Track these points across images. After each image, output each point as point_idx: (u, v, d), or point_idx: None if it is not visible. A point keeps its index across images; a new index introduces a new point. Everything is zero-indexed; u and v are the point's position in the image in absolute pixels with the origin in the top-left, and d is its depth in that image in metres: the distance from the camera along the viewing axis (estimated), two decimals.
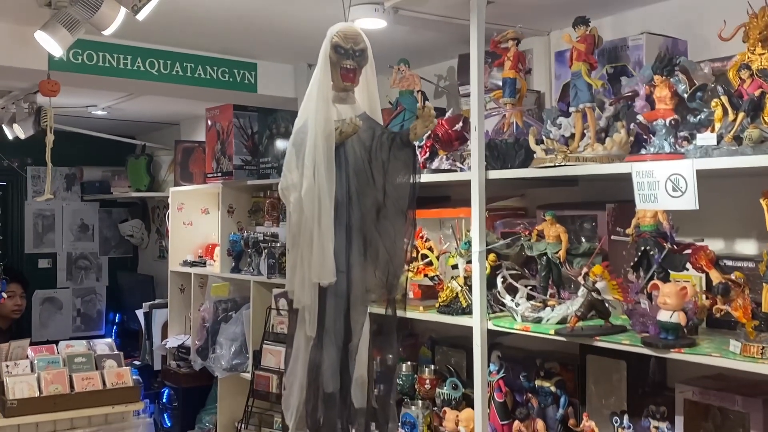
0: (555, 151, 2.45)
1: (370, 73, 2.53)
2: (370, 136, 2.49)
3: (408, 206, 2.47)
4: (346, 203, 2.39)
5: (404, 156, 2.49)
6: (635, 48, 2.52)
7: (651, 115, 2.23)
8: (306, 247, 2.32)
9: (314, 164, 2.31)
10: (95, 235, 6.59)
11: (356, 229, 2.42)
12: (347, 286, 2.40)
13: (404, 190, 2.48)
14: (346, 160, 2.41)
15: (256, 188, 4.48)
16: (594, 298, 2.31)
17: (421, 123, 2.47)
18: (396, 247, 2.47)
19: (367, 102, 2.55)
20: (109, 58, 3.19)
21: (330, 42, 2.42)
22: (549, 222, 2.56)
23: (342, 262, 2.36)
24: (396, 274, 2.48)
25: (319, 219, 2.30)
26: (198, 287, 4.77)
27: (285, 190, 2.39)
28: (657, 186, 2.11)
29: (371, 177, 2.45)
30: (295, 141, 2.41)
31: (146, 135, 6.25)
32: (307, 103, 2.45)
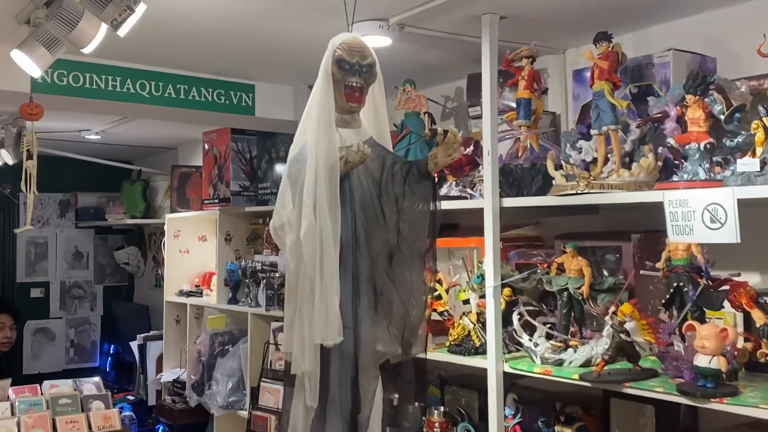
0: (576, 177, 2.25)
1: (378, 91, 2.20)
2: (380, 165, 2.14)
3: (427, 249, 2.11)
4: (352, 246, 2.04)
5: (422, 190, 2.13)
6: (661, 66, 2.33)
7: (683, 139, 2.03)
8: (306, 301, 1.96)
9: (315, 200, 1.96)
10: (90, 263, 6.39)
11: (365, 277, 2.07)
12: (355, 345, 2.03)
13: (422, 230, 2.12)
14: (351, 195, 2.06)
15: (255, 215, 4.30)
16: (622, 339, 2.09)
17: (443, 151, 2.10)
18: (413, 298, 2.10)
19: (374, 125, 2.22)
20: (96, 80, 3.00)
21: (332, 56, 2.09)
22: (570, 254, 2.36)
23: (348, 317, 2.00)
24: (413, 331, 2.09)
25: (321, 266, 1.94)
26: (194, 318, 4.59)
27: (279, 230, 2.04)
28: (692, 216, 1.91)
29: (382, 215, 2.10)
30: (291, 172, 2.08)
31: (143, 160, 6.09)
32: (304, 128, 2.11)
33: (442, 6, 2.37)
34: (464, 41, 2.70)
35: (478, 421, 2.81)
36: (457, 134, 2.10)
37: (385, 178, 2.12)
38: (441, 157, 2.11)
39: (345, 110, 2.13)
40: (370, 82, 2.15)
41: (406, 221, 2.11)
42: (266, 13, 2.54)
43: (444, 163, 2.13)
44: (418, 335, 2.11)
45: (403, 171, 2.13)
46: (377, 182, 2.12)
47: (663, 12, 2.52)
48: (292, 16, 2.58)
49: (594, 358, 2.24)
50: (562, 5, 2.42)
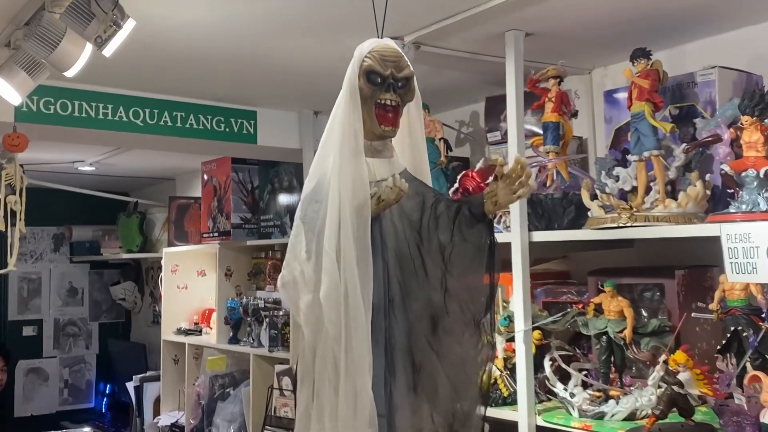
0: (616, 209, 2.02)
1: (414, 112, 1.80)
2: (419, 205, 1.70)
3: (484, 312, 1.63)
4: (384, 309, 1.59)
5: (475, 236, 1.66)
6: (705, 84, 2.12)
7: (739, 165, 1.81)
8: (327, 383, 1.53)
9: (338, 249, 1.54)
10: (85, 300, 6.13)
11: (401, 349, 1.61)
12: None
13: (477, 289, 1.65)
14: (383, 243, 1.63)
15: (257, 249, 4.08)
16: (675, 392, 1.85)
17: (506, 187, 1.62)
18: (465, 378, 1.63)
19: (409, 155, 1.82)
20: (86, 108, 2.79)
21: (360, 66, 1.68)
22: (608, 294, 2.12)
23: (381, 402, 1.54)
24: (466, 421, 1.64)
25: (347, 336, 1.50)
26: (193, 359, 4.34)
27: (290, 288, 1.63)
28: (756, 253, 1.69)
29: (422, 268, 1.65)
30: (307, 214, 1.66)
31: (139, 191, 5.88)
32: (322, 158, 1.70)
33: (462, 22, 2.17)
34: (483, 61, 2.50)
35: None
36: (526, 165, 1.61)
37: (426, 222, 1.69)
38: (503, 196, 1.63)
39: (375, 135, 1.71)
40: (406, 100, 1.75)
41: (455, 276, 1.66)
42: (269, 32, 2.33)
43: (507, 202, 1.65)
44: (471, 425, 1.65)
45: (451, 212, 1.68)
46: (416, 227, 1.69)
47: (700, 28, 2.32)
48: (297, 37, 2.37)
49: (639, 411, 2.01)
50: (591, 21, 2.23)
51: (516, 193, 1.62)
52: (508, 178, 1.61)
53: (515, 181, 1.61)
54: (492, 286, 1.63)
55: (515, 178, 1.61)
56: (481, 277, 1.65)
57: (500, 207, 1.65)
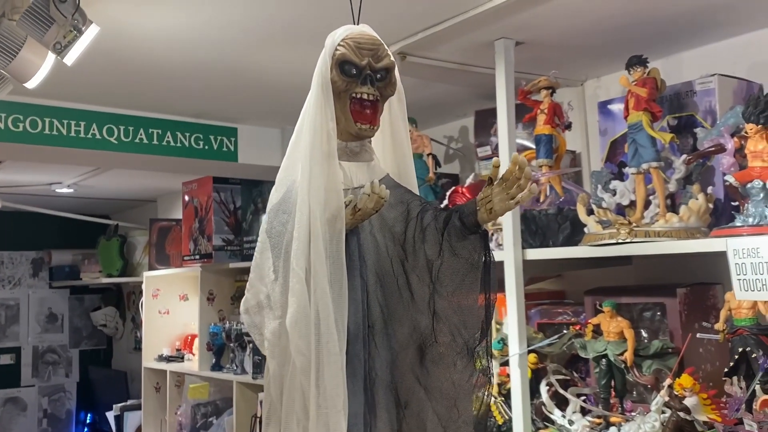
0: (614, 224, 1.92)
1: (397, 109, 1.58)
2: (402, 215, 1.49)
3: (479, 339, 1.39)
4: (363, 336, 1.38)
5: (468, 250, 1.42)
6: (704, 93, 2.02)
7: (743, 176, 1.71)
8: (294, 424, 1.33)
9: (308, 269, 1.34)
10: (65, 326, 5.96)
11: (383, 383, 1.40)
12: None
13: (470, 311, 1.40)
14: (361, 260, 1.42)
15: (240, 271, 3.94)
16: (681, 418, 1.74)
17: (502, 191, 1.39)
18: (458, 417, 1.40)
19: (391, 158, 1.61)
20: (57, 125, 2.66)
21: (332, 56, 1.47)
22: (607, 314, 2.01)
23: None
24: None
25: (318, 370, 1.30)
26: (175, 386, 4.18)
27: (253, 314, 1.44)
28: (765, 269, 1.58)
29: (407, 288, 1.44)
30: (273, 227, 1.46)
31: (120, 213, 5.74)
32: (291, 163, 1.49)
33: (450, 30, 2.07)
34: (472, 73, 2.41)
35: None
36: (524, 165, 1.36)
37: (411, 234, 1.47)
38: (498, 201, 1.38)
39: (352, 135, 1.51)
40: (387, 95, 1.53)
41: (444, 297, 1.42)
42: (247, 43, 2.23)
43: (504, 209, 1.40)
44: None
45: (439, 223, 1.45)
46: (400, 239, 1.48)
47: (697, 35, 2.23)
48: (279, 49, 2.27)
49: None
50: (583, 28, 2.14)
51: (514, 199, 1.38)
52: (504, 181, 1.38)
53: (513, 185, 1.37)
54: (488, 307, 1.40)
55: (513, 180, 1.37)
56: (475, 297, 1.41)
57: (496, 215, 1.40)
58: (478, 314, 1.40)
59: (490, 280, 1.41)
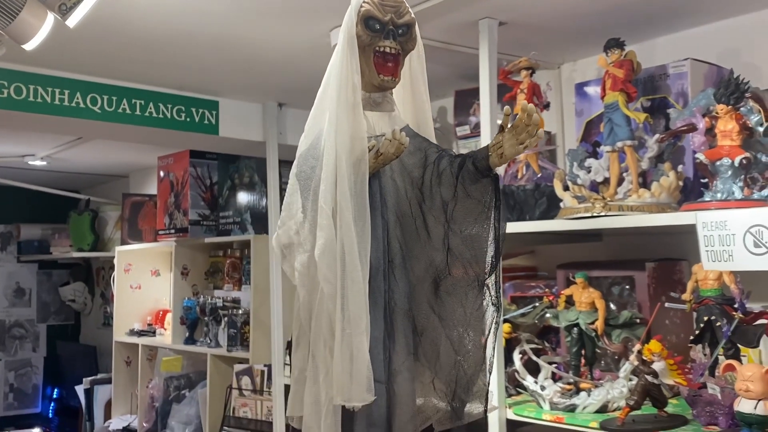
0: (589, 199, 2.01)
1: (417, 64, 1.69)
2: (420, 161, 1.62)
3: (488, 272, 1.54)
4: (384, 270, 1.52)
5: (480, 192, 1.56)
6: (677, 76, 2.12)
7: (713, 154, 1.80)
8: (322, 345, 1.47)
9: (335, 207, 1.47)
10: (32, 301, 5.90)
11: (401, 311, 1.54)
12: (388, 406, 1.47)
13: (481, 247, 1.54)
14: (383, 201, 1.55)
15: (215, 246, 3.97)
16: (649, 382, 1.83)
17: (512, 137, 1.50)
18: (468, 341, 1.54)
19: (411, 109, 1.72)
20: (41, 93, 2.66)
21: (357, 12, 1.58)
22: (580, 285, 2.10)
23: (379, 368, 1.46)
24: (468, 386, 1.56)
25: (344, 296, 1.42)
26: (146, 360, 4.22)
27: (285, 248, 1.58)
28: (732, 240, 1.68)
29: (424, 227, 1.58)
30: (301, 171, 1.58)
31: (91, 188, 5.70)
32: (319, 113, 1.60)
33: (433, 9, 2.12)
34: (453, 52, 2.46)
35: None
36: (533, 112, 1.48)
37: (428, 178, 1.60)
38: (509, 147, 1.51)
39: (375, 86, 1.63)
40: (408, 49, 1.65)
41: (458, 235, 1.57)
42: (234, 17, 2.25)
43: (513, 153, 1.53)
44: (474, 392, 1.55)
45: (454, 167, 1.57)
46: (418, 183, 1.61)
47: (671, 22, 2.33)
48: (263, 23, 2.30)
49: (611, 403, 2.00)
50: (564, 10, 2.21)
51: (523, 144, 1.50)
52: (515, 128, 1.49)
53: (522, 131, 1.49)
54: (497, 244, 1.54)
55: (522, 127, 1.48)
56: (486, 235, 1.55)
57: (506, 159, 1.53)
58: (489, 250, 1.55)
59: (501, 219, 1.55)
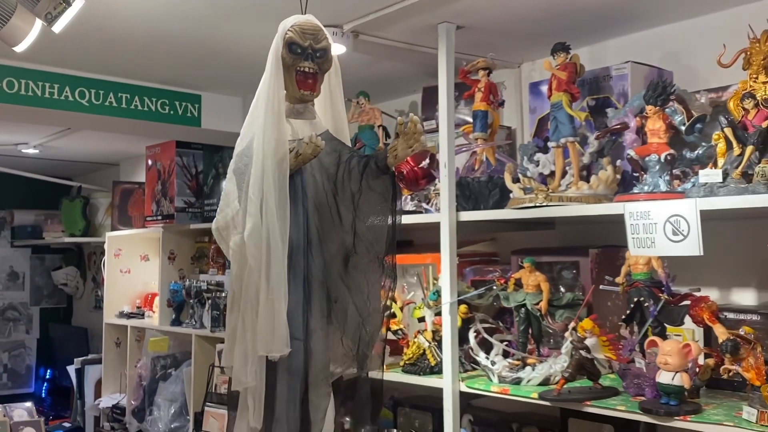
0: (534, 191, 2.19)
1: (334, 80, 2.04)
2: (335, 160, 1.96)
3: (386, 252, 1.91)
4: (303, 248, 1.86)
5: (381, 186, 1.93)
6: (619, 78, 2.30)
7: (643, 150, 1.99)
8: (250, 308, 1.77)
9: (262, 197, 1.78)
10: (26, 284, 6.09)
11: (317, 282, 1.88)
12: (305, 359, 1.82)
13: (381, 231, 1.91)
14: (303, 193, 1.88)
15: (200, 232, 4.14)
16: (583, 356, 2.03)
17: (403, 142, 1.89)
18: (370, 307, 1.90)
19: (330, 117, 2.06)
20: (32, 87, 2.83)
21: (283, 38, 1.90)
22: (527, 269, 2.29)
23: (298, 328, 1.80)
24: (370, 342, 1.91)
25: (267, 270, 1.75)
26: (135, 341, 4.37)
27: (222, 230, 1.87)
28: (654, 229, 1.87)
29: (337, 214, 1.92)
30: (237, 167, 1.89)
31: (83, 176, 5.86)
32: (252, 120, 1.91)
33: (397, 13, 2.30)
34: (420, 52, 2.64)
35: None
36: (417, 123, 1.88)
37: (341, 174, 1.95)
38: (401, 149, 1.91)
39: (297, 99, 1.96)
40: (324, 69, 1.97)
41: (363, 220, 1.94)
42: (214, 17, 2.43)
43: (404, 155, 1.92)
44: (374, 348, 1.93)
45: (360, 166, 1.95)
46: (332, 178, 1.95)
47: (619, 26, 2.50)
48: (241, 21, 2.47)
49: (553, 376, 2.18)
50: (519, 16, 2.38)
51: (411, 148, 1.90)
52: (405, 135, 1.89)
53: (411, 137, 1.89)
54: (394, 228, 1.92)
55: (411, 134, 1.89)
56: (385, 221, 1.93)
57: (399, 159, 1.93)
58: (387, 234, 1.93)
59: (396, 208, 1.92)
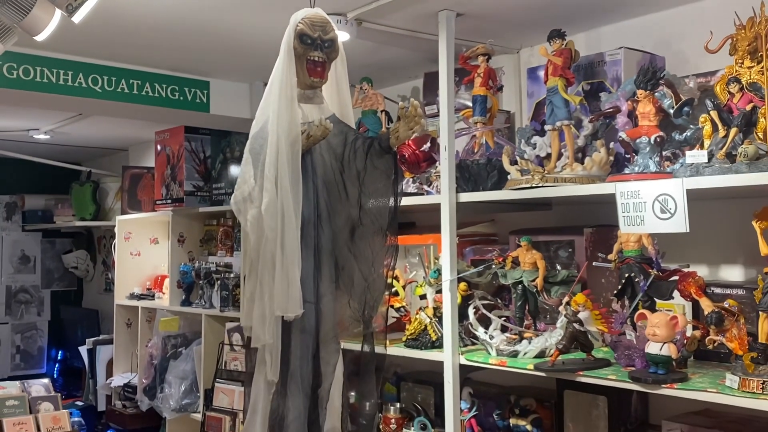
0: (531, 172, 2.29)
1: (340, 68, 2.21)
2: (342, 141, 2.16)
3: (388, 225, 2.12)
4: (314, 221, 2.06)
5: (384, 164, 2.14)
6: (613, 63, 2.39)
7: (634, 133, 2.08)
8: (267, 274, 1.97)
9: (277, 174, 1.98)
10: (37, 267, 6.22)
11: (326, 251, 2.09)
12: (316, 320, 2.04)
13: (384, 206, 2.13)
14: (313, 171, 2.08)
15: (209, 216, 4.25)
16: (576, 329, 2.13)
17: (404, 125, 2.09)
18: (374, 273, 2.11)
19: (336, 102, 2.23)
20: (47, 74, 2.94)
21: (294, 30, 2.08)
22: (524, 248, 2.39)
23: (310, 292, 2.02)
24: (374, 305, 2.12)
25: (282, 240, 1.95)
26: (146, 322, 4.51)
27: (240, 204, 2.05)
28: (643, 207, 1.96)
29: (344, 190, 2.12)
30: (253, 148, 2.08)
31: (93, 161, 5.97)
32: (266, 104, 2.11)
33: (399, 1, 2.39)
34: (421, 39, 2.72)
35: (434, 416, 2.82)
36: (417, 107, 2.08)
37: (347, 154, 2.14)
38: (402, 131, 2.10)
39: (307, 85, 2.14)
40: (332, 58, 2.15)
41: (368, 196, 2.13)
42: (222, 6, 2.52)
43: (405, 137, 2.11)
44: (377, 310, 2.13)
45: (365, 146, 2.14)
46: (339, 158, 2.14)
47: (614, 12, 2.58)
48: (249, 10, 2.57)
49: (548, 349, 2.28)
50: (517, 3, 2.46)
51: (411, 130, 2.10)
52: (406, 117, 2.09)
53: (411, 120, 2.08)
54: (395, 202, 2.13)
55: (412, 116, 2.08)
56: (388, 195, 2.14)
57: (401, 141, 2.12)
58: (390, 207, 2.14)
59: (398, 184, 2.12)
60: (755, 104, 1.87)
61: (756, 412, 1.78)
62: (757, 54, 1.90)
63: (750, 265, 2.26)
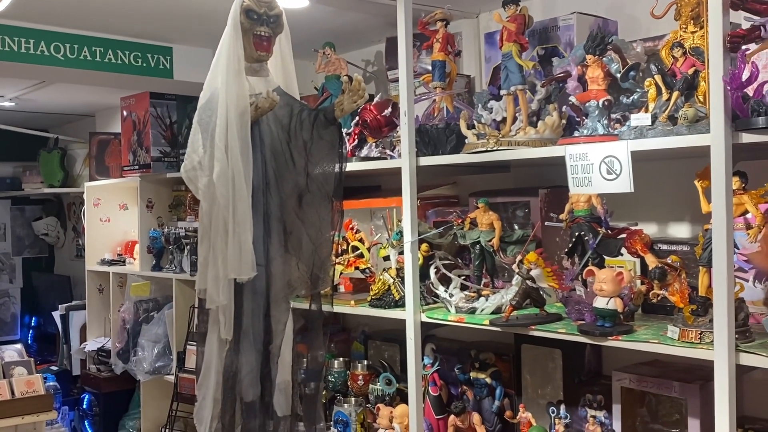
0: (486, 136, 2.36)
1: (285, 43, 2.34)
2: (288, 113, 2.28)
3: (334, 191, 2.26)
4: (263, 189, 2.18)
5: (329, 135, 2.27)
6: (566, 28, 2.45)
7: (583, 97, 2.16)
8: (219, 239, 2.09)
9: (227, 144, 2.08)
10: (7, 235, 6.21)
11: (275, 217, 2.21)
12: (267, 281, 2.18)
13: (329, 174, 2.27)
14: (261, 141, 2.19)
15: (177, 181, 4.24)
16: (529, 286, 2.23)
17: (348, 97, 2.24)
18: (321, 237, 2.26)
19: (281, 75, 2.35)
20: (8, 42, 2.93)
21: (240, 5, 2.19)
22: (482, 209, 2.47)
23: (260, 255, 2.15)
24: (322, 267, 2.28)
25: (234, 206, 2.07)
26: (117, 287, 4.54)
27: (190, 172, 2.16)
28: (591, 169, 2.05)
29: (291, 159, 2.25)
30: (201, 118, 2.18)
31: (59, 128, 5.93)
32: (213, 76, 2.22)
33: None
34: (381, 4, 2.74)
35: (400, 372, 2.93)
36: (361, 81, 2.23)
37: (293, 125, 2.27)
38: (347, 104, 2.25)
39: (254, 59, 2.25)
40: (277, 33, 2.27)
41: (314, 164, 2.26)
42: None
43: (349, 109, 2.25)
44: (325, 271, 2.28)
45: (311, 118, 2.27)
46: (286, 129, 2.26)
47: None
48: None
49: (504, 306, 2.38)
50: None
51: (355, 103, 2.26)
52: (350, 91, 2.25)
53: (355, 93, 2.24)
54: (340, 170, 2.28)
55: (355, 90, 2.25)
56: (333, 164, 2.29)
57: (345, 113, 2.29)
58: (335, 175, 2.28)
59: (342, 154, 2.24)
60: (697, 68, 1.95)
61: (697, 361, 1.90)
62: (700, 19, 1.97)
63: (696, 222, 2.36)
